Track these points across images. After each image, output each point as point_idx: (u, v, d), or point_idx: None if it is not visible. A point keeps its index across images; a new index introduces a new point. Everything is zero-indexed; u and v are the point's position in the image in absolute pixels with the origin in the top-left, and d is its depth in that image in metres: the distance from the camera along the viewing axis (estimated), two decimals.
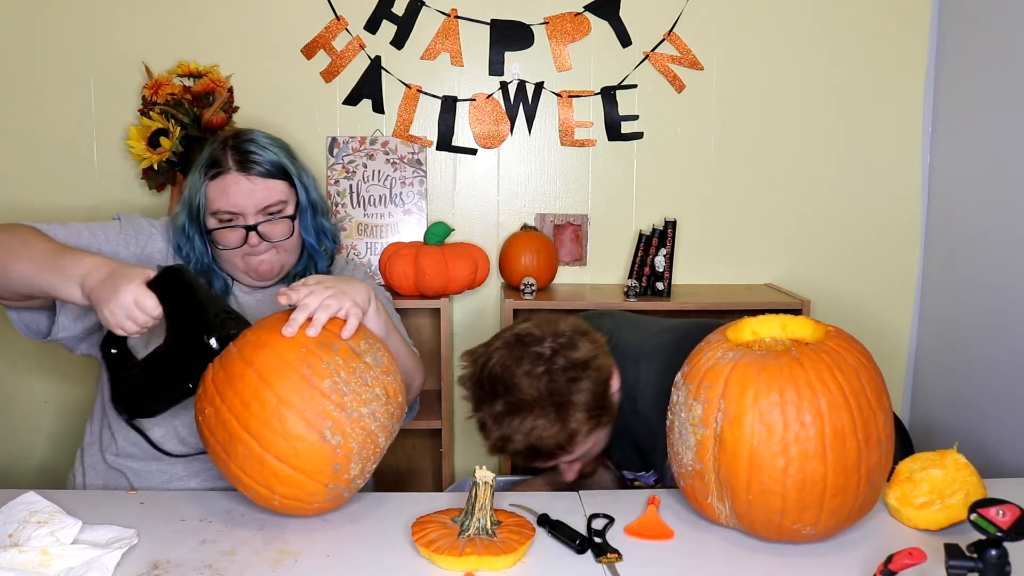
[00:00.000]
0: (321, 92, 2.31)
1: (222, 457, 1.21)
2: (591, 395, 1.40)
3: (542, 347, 1.41)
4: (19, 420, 2.38)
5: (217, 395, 1.21)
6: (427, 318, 2.37)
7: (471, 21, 2.29)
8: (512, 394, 1.38)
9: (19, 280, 1.37)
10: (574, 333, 1.44)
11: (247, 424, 1.17)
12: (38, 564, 1.08)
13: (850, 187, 2.42)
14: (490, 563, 1.12)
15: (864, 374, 1.18)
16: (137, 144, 2.16)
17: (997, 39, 2.07)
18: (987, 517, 1.01)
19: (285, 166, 1.56)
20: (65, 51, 2.25)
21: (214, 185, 1.53)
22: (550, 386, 1.38)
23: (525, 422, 1.38)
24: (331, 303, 1.26)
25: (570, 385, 1.39)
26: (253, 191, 1.52)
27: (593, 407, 1.41)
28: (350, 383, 1.21)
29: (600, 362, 1.44)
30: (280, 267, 1.59)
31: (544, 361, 1.39)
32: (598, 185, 2.39)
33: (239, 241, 1.54)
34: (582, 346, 1.42)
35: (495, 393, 1.40)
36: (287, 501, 1.21)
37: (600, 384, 1.43)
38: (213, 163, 1.54)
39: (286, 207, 1.56)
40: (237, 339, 1.25)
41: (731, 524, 1.23)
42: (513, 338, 1.43)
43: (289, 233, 1.57)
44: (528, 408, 1.38)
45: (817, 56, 2.36)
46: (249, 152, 1.53)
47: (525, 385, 1.38)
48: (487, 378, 1.41)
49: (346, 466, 1.20)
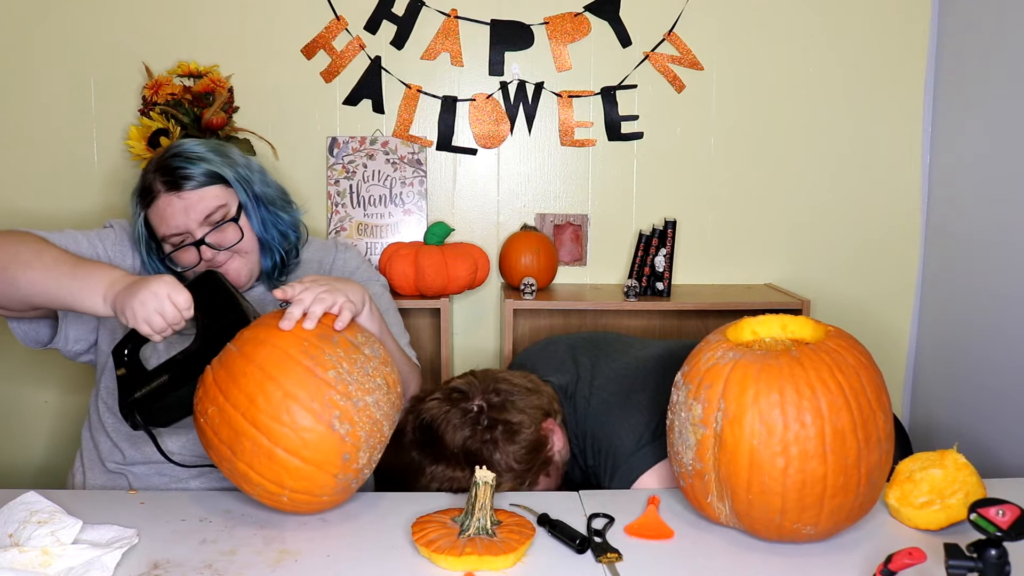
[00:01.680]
0: (321, 92, 2.31)
1: (227, 457, 1.20)
2: (513, 457, 1.44)
3: (469, 403, 1.47)
4: (20, 420, 2.38)
5: (220, 393, 1.21)
6: (427, 318, 2.37)
7: (471, 21, 2.29)
8: (437, 443, 1.44)
9: (29, 290, 1.35)
10: (512, 393, 1.49)
11: (254, 419, 1.17)
12: (38, 564, 1.08)
13: (850, 187, 2.42)
14: (490, 563, 1.12)
15: (864, 374, 1.18)
16: (137, 144, 2.16)
17: (997, 39, 2.08)
18: (987, 517, 1.01)
19: (216, 171, 1.52)
20: (65, 51, 2.25)
21: (151, 213, 1.52)
22: (468, 443, 1.43)
23: (446, 470, 1.43)
24: (325, 297, 1.27)
25: (489, 446, 1.44)
26: (188, 207, 1.49)
27: (515, 468, 1.45)
28: (353, 373, 1.21)
29: (529, 429, 1.47)
30: (249, 271, 1.57)
31: (472, 418, 1.45)
32: (598, 185, 2.39)
33: (195, 258, 1.51)
34: (513, 409, 1.47)
35: (423, 439, 1.46)
36: (297, 496, 1.21)
37: (527, 447, 1.46)
38: (145, 191, 1.52)
39: (228, 211, 1.53)
40: (235, 338, 1.26)
41: (731, 524, 1.23)
42: (448, 391, 1.50)
43: (240, 235, 1.53)
44: (447, 459, 1.43)
45: (817, 56, 2.36)
46: (175, 169, 1.50)
47: (448, 437, 1.44)
48: (421, 423, 1.47)
49: (355, 455, 1.21)
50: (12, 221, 2.27)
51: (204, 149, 1.54)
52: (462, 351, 2.42)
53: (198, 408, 1.25)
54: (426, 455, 1.45)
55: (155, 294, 1.24)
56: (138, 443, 1.53)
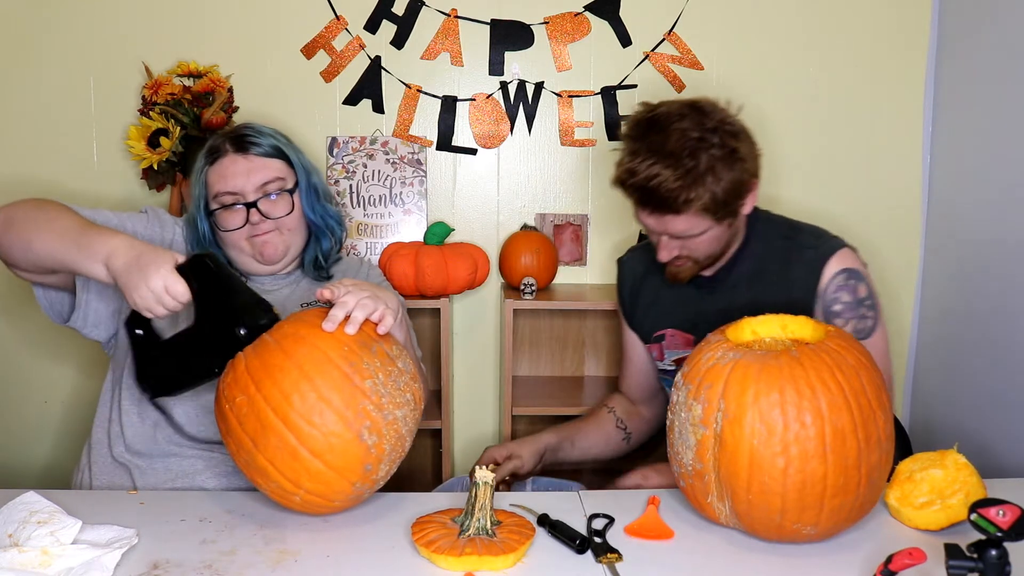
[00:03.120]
0: (321, 92, 2.31)
1: (248, 448, 1.20)
2: (719, 184, 1.48)
3: (708, 121, 1.50)
4: (21, 420, 2.38)
5: (252, 384, 1.20)
6: (427, 318, 2.37)
7: (471, 21, 2.29)
8: (658, 138, 1.49)
9: (42, 253, 1.39)
10: (745, 134, 1.55)
11: (285, 416, 1.17)
12: (38, 564, 1.08)
13: (850, 187, 2.42)
14: (490, 563, 1.12)
15: (864, 374, 1.18)
16: (137, 144, 2.16)
17: (997, 39, 2.07)
18: (987, 517, 1.01)
19: (282, 148, 1.63)
20: (65, 51, 2.25)
21: (213, 170, 1.59)
22: (692, 152, 1.47)
23: (654, 167, 1.48)
24: (368, 303, 1.27)
25: (709, 158, 1.47)
26: (251, 170, 1.58)
27: (718, 196, 1.49)
28: (387, 385, 1.22)
29: (745, 168, 1.52)
30: (285, 248, 1.62)
31: (702, 131, 1.49)
32: (598, 185, 2.38)
33: (241, 221, 1.57)
34: (742, 144, 1.52)
35: (646, 132, 1.52)
36: (310, 497, 1.21)
37: (733, 183, 1.50)
38: (212, 150, 1.61)
39: (285, 183, 1.61)
40: (273, 330, 1.25)
41: (731, 524, 1.23)
42: (691, 101, 1.54)
43: (290, 209, 1.60)
44: (664, 156, 1.48)
45: (817, 56, 2.36)
46: (245, 135, 1.60)
47: (674, 137, 1.48)
48: (649, 118, 1.53)
49: (376, 467, 1.21)
50: None
51: (273, 131, 1.66)
52: (462, 351, 2.42)
53: (225, 394, 1.23)
54: (641, 145, 1.51)
55: (153, 289, 1.27)
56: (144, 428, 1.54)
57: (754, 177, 1.56)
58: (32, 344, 2.33)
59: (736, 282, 1.65)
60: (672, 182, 1.47)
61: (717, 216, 1.52)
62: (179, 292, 1.27)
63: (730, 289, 1.65)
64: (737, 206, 1.55)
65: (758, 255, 1.65)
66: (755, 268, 1.64)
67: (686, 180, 1.47)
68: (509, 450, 1.68)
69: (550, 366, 2.44)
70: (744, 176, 1.52)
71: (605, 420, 1.83)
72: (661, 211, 1.52)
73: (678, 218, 1.51)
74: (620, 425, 1.82)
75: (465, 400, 2.44)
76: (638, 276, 1.80)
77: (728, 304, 1.61)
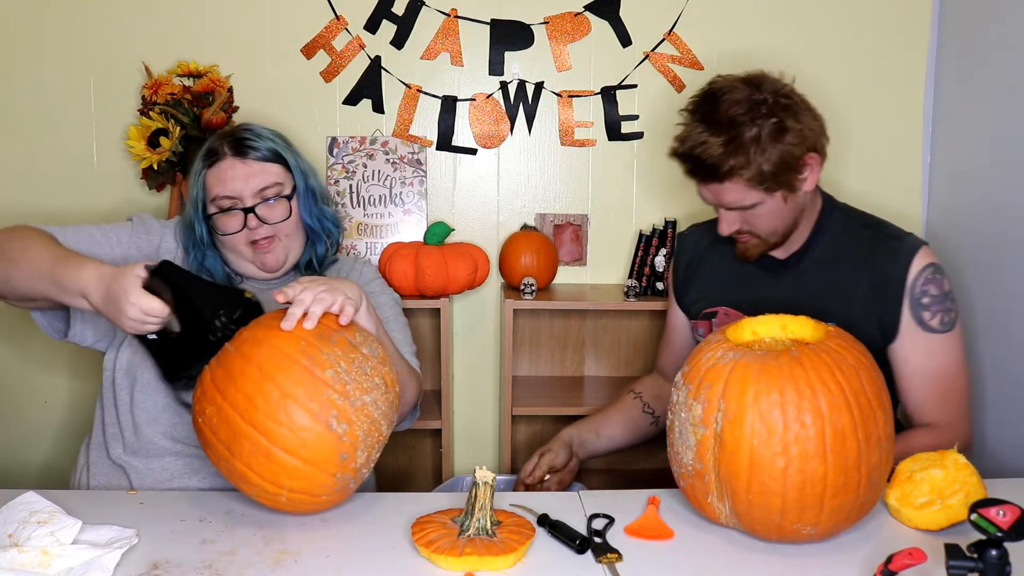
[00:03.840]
0: (321, 92, 2.31)
1: (225, 456, 1.21)
2: (764, 156, 1.50)
3: (759, 94, 1.53)
4: (20, 420, 2.38)
5: (218, 393, 1.21)
6: (427, 318, 2.37)
7: (471, 21, 2.29)
8: (710, 109, 1.53)
9: (23, 288, 1.41)
10: (800, 106, 1.56)
11: (252, 419, 1.17)
12: (38, 564, 1.08)
13: (850, 187, 2.41)
14: (490, 563, 1.12)
15: (864, 374, 1.18)
16: (137, 144, 2.16)
17: (997, 39, 2.07)
18: (987, 517, 1.01)
19: (280, 152, 1.62)
20: (65, 51, 2.25)
21: (211, 173, 1.59)
22: (737, 122, 1.50)
23: (701, 135, 1.52)
24: (325, 296, 1.28)
25: (753, 130, 1.50)
26: (249, 174, 1.58)
27: (764, 168, 1.51)
28: (351, 372, 1.22)
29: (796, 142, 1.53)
30: (285, 256, 1.62)
31: (751, 103, 1.51)
32: (598, 185, 2.38)
33: (239, 225, 1.57)
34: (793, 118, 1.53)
35: (700, 105, 1.56)
36: (295, 495, 1.21)
37: (782, 155, 1.51)
38: (210, 153, 1.60)
39: (282, 189, 1.60)
40: (232, 338, 1.27)
41: (731, 524, 1.23)
42: (746, 74, 1.57)
43: (287, 214, 1.60)
44: (711, 125, 1.52)
45: (817, 56, 2.36)
46: (244, 139, 1.60)
47: (723, 107, 1.52)
48: (707, 92, 1.57)
49: (353, 454, 1.21)
50: (12, 220, 2.27)
51: (272, 133, 1.65)
52: (462, 351, 2.42)
53: (197, 408, 1.25)
54: (696, 115, 1.55)
55: (131, 318, 1.29)
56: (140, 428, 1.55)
57: (810, 151, 1.56)
58: (32, 344, 2.33)
59: (809, 267, 1.66)
60: (715, 148, 1.50)
61: (767, 187, 1.53)
62: (155, 309, 1.29)
63: (802, 274, 1.66)
64: (792, 180, 1.55)
65: (835, 242, 1.65)
66: (831, 255, 1.65)
67: (728, 148, 1.50)
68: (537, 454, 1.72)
69: (550, 366, 2.44)
70: (795, 150, 1.52)
71: (630, 407, 1.85)
72: (708, 179, 1.55)
73: (724, 187, 1.54)
74: (647, 410, 1.84)
75: (465, 400, 2.44)
76: (699, 250, 1.82)
77: (800, 288, 1.64)
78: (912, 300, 1.58)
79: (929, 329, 1.58)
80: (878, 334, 1.59)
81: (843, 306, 1.60)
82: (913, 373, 1.59)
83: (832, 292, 1.62)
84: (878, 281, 1.60)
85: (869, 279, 1.60)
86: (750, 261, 1.67)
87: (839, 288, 1.62)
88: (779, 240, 1.64)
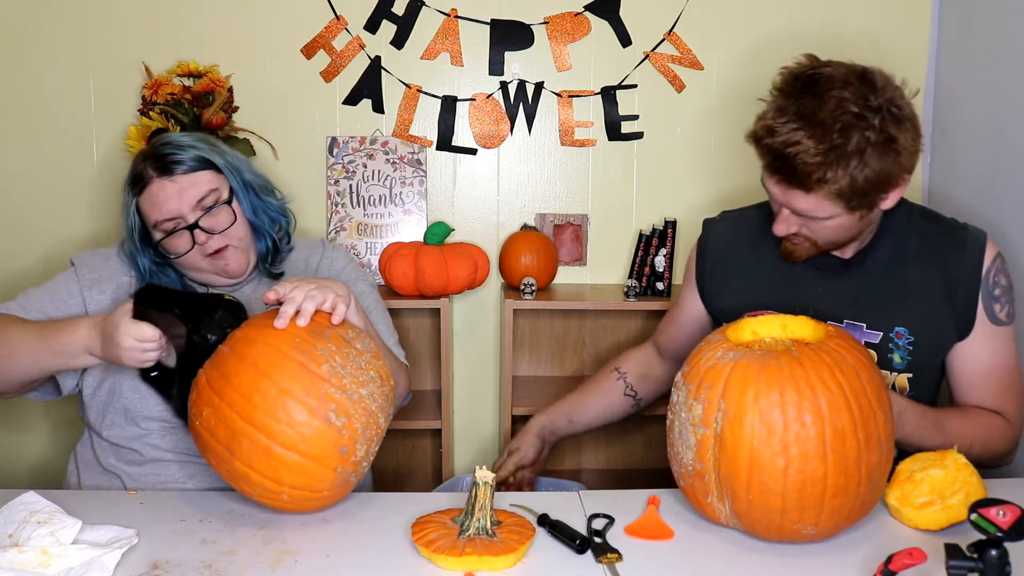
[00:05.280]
0: (321, 92, 2.31)
1: (226, 458, 1.20)
2: (863, 172, 1.33)
3: (874, 98, 1.34)
4: (20, 420, 2.38)
5: (215, 395, 1.21)
6: (427, 318, 2.37)
7: (471, 21, 2.29)
8: (813, 102, 1.33)
9: (21, 376, 1.43)
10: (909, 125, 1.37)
11: (250, 417, 1.17)
12: (38, 564, 1.08)
13: None
14: (490, 563, 1.12)
15: (864, 374, 1.18)
16: (137, 144, 2.16)
17: (998, 39, 2.08)
18: (987, 517, 1.01)
19: (206, 157, 1.54)
20: (65, 51, 2.25)
21: (143, 200, 1.53)
22: (844, 127, 1.31)
23: (796, 133, 1.33)
24: (316, 294, 1.28)
25: (861, 137, 1.32)
26: (181, 190, 1.51)
27: (857, 184, 1.34)
28: (346, 367, 1.22)
29: (899, 161, 1.36)
30: (247, 258, 1.59)
31: (864, 107, 1.33)
32: (598, 185, 2.38)
33: (188, 244, 1.52)
34: (903, 133, 1.35)
35: (800, 91, 1.36)
36: (296, 492, 1.21)
37: (880, 174, 1.34)
38: (136, 179, 1.54)
39: (220, 194, 1.54)
40: (226, 339, 1.27)
41: (731, 524, 1.23)
42: (861, 70, 1.38)
43: (232, 218, 1.55)
44: (811, 124, 1.32)
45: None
46: (166, 156, 1.52)
47: (829, 106, 1.32)
48: (809, 76, 1.37)
49: (352, 447, 1.21)
50: (12, 220, 2.28)
51: (191, 139, 1.57)
52: (462, 351, 2.42)
53: (192, 412, 1.25)
54: (791, 103, 1.35)
55: (128, 350, 1.30)
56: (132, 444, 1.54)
57: (906, 172, 1.39)
58: None
59: (872, 268, 1.52)
60: (811, 155, 1.32)
61: (851, 205, 1.37)
62: (148, 335, 1.30)
63: (865, 275, 1.52)
64: (877, 199, 1.39)
65: (900, 240, 1.52)
66: (898, 253, 1.51)
67: (827, 157, 1.31)
68: (506, 451, 1.68)
69: (550, 366, 2.44)
70: (895, 169, 1.36)
71: (610, 388, 1.78)
72: (789, 183, 1.37)
73: (806, 196, 1.37)
74: (629, 392, 1.77)
75: (465, 400, 2.44)
76: (728, 244, 1.66)
77: (863, 290, 1.51)
78: (987, 291, 1.48)
79: (998, 322, 1.48)
80: (955, 333, 1.49)
81: (917, 307, 1.49)
82: (979, 368, 1.49)
83: (903, 293, 1.50)
84: (952, 272, 1.48)
85: (944, 271, 1.49)
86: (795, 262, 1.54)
87: (910, 289, 1.49)
88: (832, 248, 1.50)
